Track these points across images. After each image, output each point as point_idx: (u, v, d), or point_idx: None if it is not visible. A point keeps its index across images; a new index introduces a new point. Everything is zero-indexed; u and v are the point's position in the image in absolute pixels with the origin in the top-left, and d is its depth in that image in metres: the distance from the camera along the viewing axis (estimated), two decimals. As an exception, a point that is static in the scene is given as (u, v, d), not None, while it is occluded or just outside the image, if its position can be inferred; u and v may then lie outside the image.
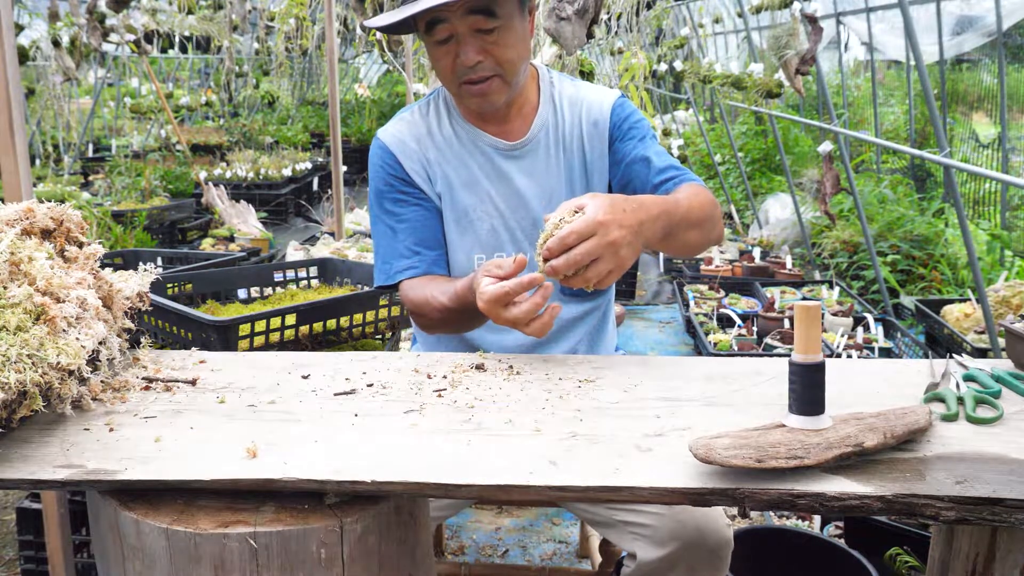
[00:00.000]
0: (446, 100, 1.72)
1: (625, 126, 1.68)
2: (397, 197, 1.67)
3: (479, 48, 1.53)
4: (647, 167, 1.63)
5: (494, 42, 1.53)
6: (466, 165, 1.67)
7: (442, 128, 1.69)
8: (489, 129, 1.68)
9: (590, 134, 1.69)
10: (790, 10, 4.53)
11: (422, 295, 1.59)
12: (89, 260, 1.26)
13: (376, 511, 0.98)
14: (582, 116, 1.69)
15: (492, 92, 1.58)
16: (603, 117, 1.69)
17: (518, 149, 1.68)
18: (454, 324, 1.60)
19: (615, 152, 1.68)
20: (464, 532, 2.76)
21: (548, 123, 1.69)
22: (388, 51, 4.67)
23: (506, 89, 1.59)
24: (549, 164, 1.68)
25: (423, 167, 1.68)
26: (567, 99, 1.71)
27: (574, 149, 1.69)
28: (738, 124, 9.46)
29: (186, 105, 10.74)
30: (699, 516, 1.47)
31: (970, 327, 3.95)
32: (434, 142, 1.68)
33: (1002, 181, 4.80)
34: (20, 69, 1.88)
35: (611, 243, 1.26)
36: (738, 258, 5.86)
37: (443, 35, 1.54)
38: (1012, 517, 0.89)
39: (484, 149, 1.68)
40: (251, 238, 6.10)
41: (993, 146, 6.88)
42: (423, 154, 1.68)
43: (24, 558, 2.19)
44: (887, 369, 1.33)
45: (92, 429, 1.09)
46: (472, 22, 1.51)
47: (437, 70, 1.61)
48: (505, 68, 1.56)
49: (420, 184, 1.67)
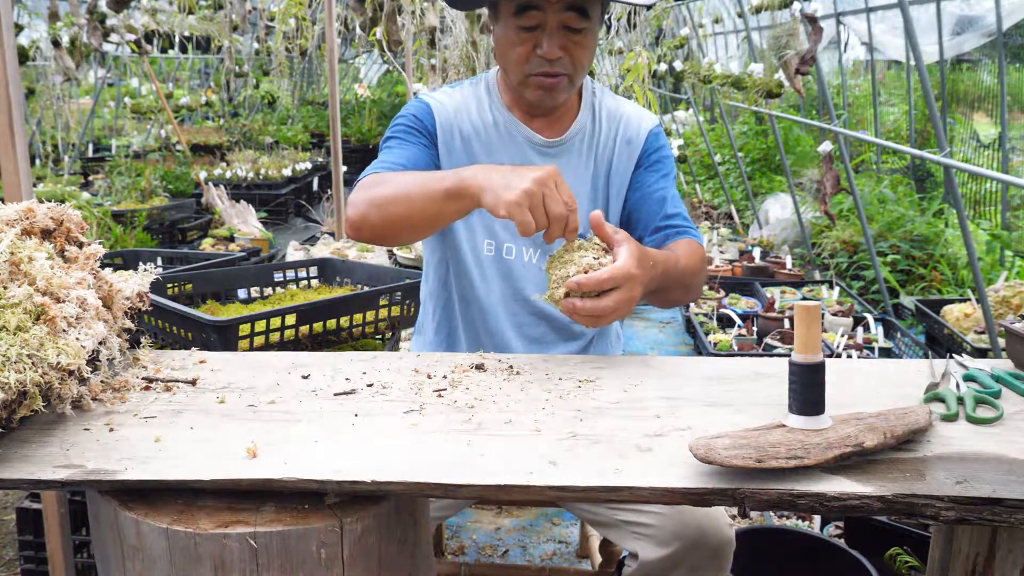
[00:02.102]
0: (489, 86, 1.72)
1: (654, 157, 1.71)
2: (412, 131, 1.66)
3: (563, 45, 1.55)
4: (660, 207, 1.66)
5: (577, 43, 1.56)
6: (496, 152, 1.67)
7: (482, 111, 1.70)
8: (528, 122, 1.69)
9: (621, 151, 1.70)
10: (790, 10, 4.53)
11: (387, 176, 1.50)
12: (89, 260, 1.26)
13: (376, 511, 0.98)
14: (619, 131, 1.71)
15: (559, 90, 1.60)
16: (638, 139, 1.71)
17: (553, 147, 1.69)
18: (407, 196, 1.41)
19: (636, 177, 1.71)
20: (464, 532, 2.76)
21: (585, 129, 1.71)
22: (388, 51, 4.67)
23: (569, 90, 1.62)
24: (579, 168, 1.69)
25: (452, 135, 1.67)
26: (606, 110, 1.73)
27: (604, 160, 1.70)
28: (738, 124, 9.46)
29: (186, 105, 10.74)
30: (701, 516, 1.48)
31: (970, 327, 3.95)
32: (471, 120, 1.69)
33: (1002, 181, 4.80)
34: (20, 69, 1.88)
35: (632, 298, 1.29)
36: (738, 258, 5.86)
37: (532, 22, 1.54)
38: (1012, 517, 0.89)
39: (519, 140, 1.68)
40: (251, 238, 6.10)
41: (993, 146, 6.88)
42: (458, 125, 1.68)
43: (24, 558, 2.19)
44: (887, 369, 1.33)
45: (92, 429, 1.09)
46: (565, 18, 1.53)
47: (507, 55, 1.60)
48: (577, 70, 1.59)
49: (440, 144, 1.67)
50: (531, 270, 1.68)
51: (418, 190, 1.39)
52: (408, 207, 1.40)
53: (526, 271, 1.68)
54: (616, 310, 1.27)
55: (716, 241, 6.34)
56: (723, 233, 6.75)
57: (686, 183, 8.79)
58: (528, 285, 1.68)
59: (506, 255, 1.68)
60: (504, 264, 1.68)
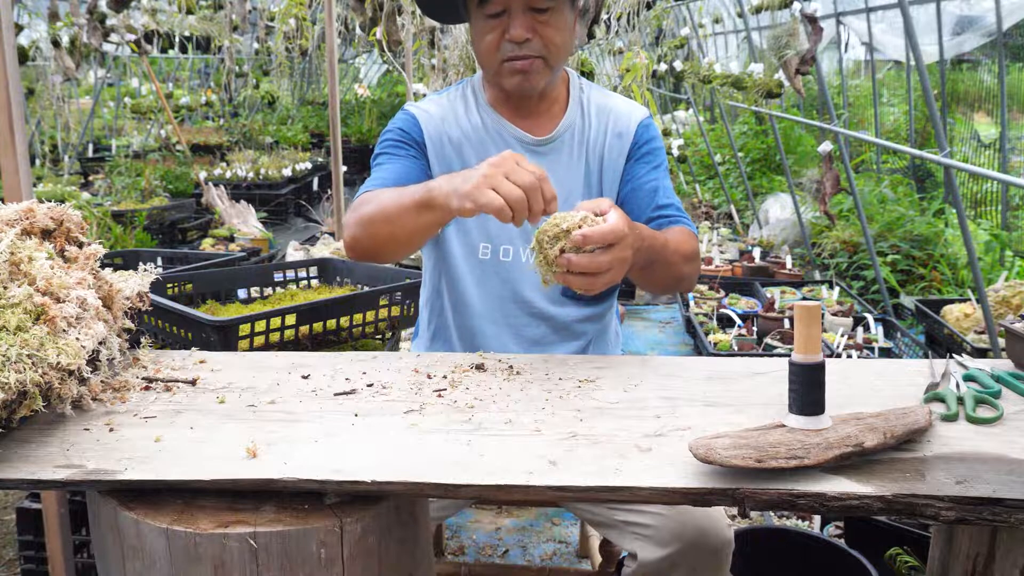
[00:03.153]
0: (474, 89, 1.73)
1: (645, 148, 1.71)
2: (400, 144, 1.67)
3: (530, 26, 1.55)
4: (651, 198, 1.66)
5: (545, 22, 1.56)
6: (487, 153, 1.66)
7: (469, 114, 1.70)
8: (516, 122, 1.69)
9: (612, 145, 1.70)
10: (790, 10, 4.53)
11: (374, 194, 1.50)
12: (89, 260, 1.26)
13: (376, 511, 0.98)
14: (608, 125, 1.71)
15: (534, 72, 1.59)
16: (628, 131, 1.71)
17: (543, 145, 1.68)
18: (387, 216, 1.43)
19: (627, 170, 1.70)
20: (464, 532, 2.76)
21: (575, 125, 1.70)
22: (388, 51, 4.67)
23: (547, 74, 1.61)
24: (571, 165, 1.69)
25: (441, 142, 1.67)
26: (595, 106, 1.73)
27: (596, 155, 1.70)
28: (738, 124, 9.46)
29: (186, 105, 10.74)
30: (701, 516, 1.47)
31: (970, 327, 3.95)
32: (459, 124, 1.69)
33: (1002, 181, 4.80)
34: (20, 69, 1.88)
35: (625, 259, 1.29)
36: (738, 258, 5.87)
37: (495, 8, 1.55)
38: (1012, 517, 0.89)
39: (508, 140, 1.68)
40: (251, 238, 6.10)
41: (994, 146, 6.88)
42: (446, 132, 1.68)
43: (24, 558, 2.19)
44: (887, 369, 1.33)
45: (92, 429, 1.09)
46: (529, 0, 1.53)
47: (480, 47, 1.61)
48: (550, 51, 1.58)
49: (430, 154, 1.67)
50: (529, 271, 1.68)
51: (394, 207, 1.41)
52: (390, 225, 1.42)
53: (524, 272, 1.68)
54: (611, 268, 1.26)
55: (716, 241, 6.34)
56: (723, 233, 6.75)
57: (686, 183, 8.79)
58: (526, 286, 1.68)
59: (503, 257, 1.68)
60: (501, 266, 1.68)
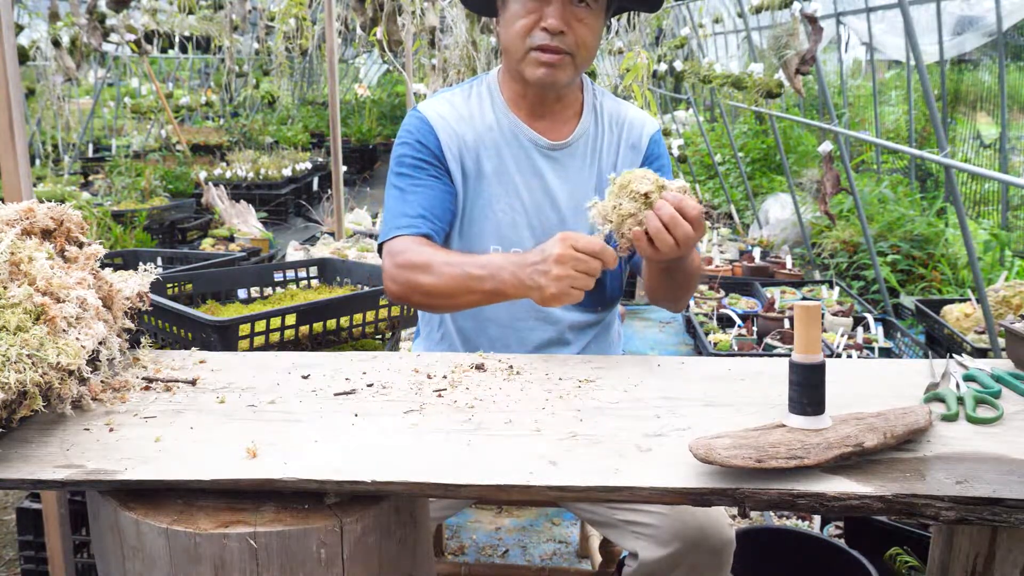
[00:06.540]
0: (490, 88, 1.72)
1: (656, 165, 1.71)
2: (419, 164, 1.65)
3: (567, 19, 1.55)
4: None
5: (582, 20, 1.56)
6: (501, 155, 1.67)
7: (484, 114, 1.69)
8: (532, 124, 1.68)
9: (625, 155, 1.71)
10: (790, 10, 4.53)
11: (424, 255, 1.52)
12: (89, 260, 1.26)
13: (376, 511, 0.98)
14: (622, 135, 1.72)
15: (560, 68, 1.58)
16: (641, 144, 1.72)
17: (557, 150, 1.68)
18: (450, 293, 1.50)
19: None
20: (464, 532, 2.76)
21: (589, 131, 1.71)
22: (388, 51, 4.67)
23: (572, 73, 1.61)
24: (583, 171, 1.69)
25: (458, 147, 1.66)
26: (608, 114, 1.73)
27: (608, 163, 1.71)
28: (738, 124, 9.46)
29: (186, 105, 10.74)
30: (701, 516, 1.47)
31: (970, 327, 3.95)
32: (473, 126, 1.68)
33: (1002, 181, 4.80)
34: (20, 69, 1.88)
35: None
36: (738, 258, 5.87)
37: None
38: (1012, 517, 0.89)
39: (523, 143, 1.68)
40: (251, 238, 6.10)
41: (995, 146, 6.87)
42: (461, 135, 1.67)
43: (24, 558, 2.19)
44: (887, 369, 1.34)
45: (92, 429, 1.09)
46: None
47: (510, 31, 1.59)
48: (580, 51, 1.58)
49: (449, 162, 1.65)
50: None
51: (458, 287, 1.46)
52: (450, 300, 1.52)
53: None
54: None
55: (716, 241, 6.34)
56: (723, 233, 6.76)
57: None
58: None
59: None
60: None
